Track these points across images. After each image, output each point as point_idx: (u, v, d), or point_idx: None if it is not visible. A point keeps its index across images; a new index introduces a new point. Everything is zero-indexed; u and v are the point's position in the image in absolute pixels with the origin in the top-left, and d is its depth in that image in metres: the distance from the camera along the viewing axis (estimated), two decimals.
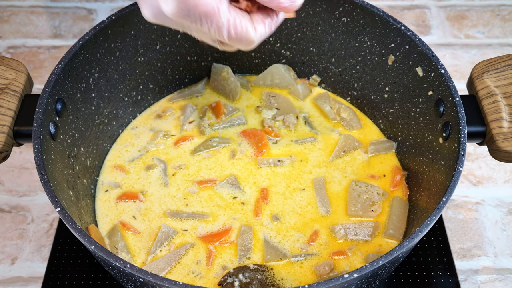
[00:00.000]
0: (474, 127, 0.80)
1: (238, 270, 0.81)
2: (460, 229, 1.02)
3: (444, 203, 0.71)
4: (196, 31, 0.70)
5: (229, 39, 0.68)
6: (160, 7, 0.67)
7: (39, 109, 0.77)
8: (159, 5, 0.67)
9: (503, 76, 0.83)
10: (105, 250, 0.67)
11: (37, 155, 0.73)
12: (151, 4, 0.68)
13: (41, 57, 1.25)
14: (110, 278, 0.89)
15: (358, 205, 0.88)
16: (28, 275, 0.95)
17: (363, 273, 0.65)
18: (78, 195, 0.83)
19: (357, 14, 0.91)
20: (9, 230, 1.00)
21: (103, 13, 1.33)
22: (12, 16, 1.32)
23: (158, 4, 0.67)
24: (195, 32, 0.70)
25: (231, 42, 0.69)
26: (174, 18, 0.67)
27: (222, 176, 0.92)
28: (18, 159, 1.09)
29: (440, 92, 0.82)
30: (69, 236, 0.92)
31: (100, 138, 0.93)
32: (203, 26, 0.67)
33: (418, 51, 0.85)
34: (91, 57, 0.86)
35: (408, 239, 0.68)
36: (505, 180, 1.08)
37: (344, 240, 0.85)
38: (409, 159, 0.92)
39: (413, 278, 0.89)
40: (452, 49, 1.28)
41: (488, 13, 1.35)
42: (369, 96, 0.98)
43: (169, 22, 0.69)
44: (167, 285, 0.64)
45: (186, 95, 1.02)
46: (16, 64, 0.83)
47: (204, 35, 0.70)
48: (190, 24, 0.68)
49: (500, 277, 0.97)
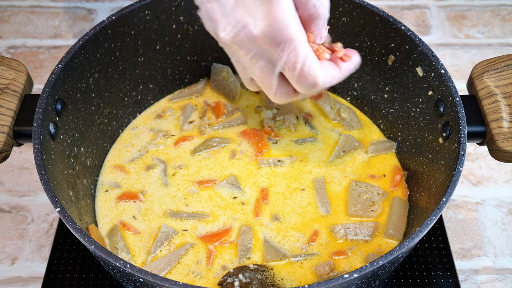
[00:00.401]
0: (474, 127, 0.80)
1: (238, 270, 0.81)
2: (460, 229, 1.02)
3: (444, 203, 0.71)
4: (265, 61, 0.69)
5: (300, 73, 0.69)
6: (247, 26, 0.66)
7: (39, 109, 0.77)
8: (246, 23, 0.66)
9: (503, 76, 0.83)
10: (105, 250, 0.67)
11: (37, 155, 0.73)
12: (235, 22, 0.66)
13: (41, 57, 1.25)
14: (110, 278, 0.89)
15: (358, 205, 0.88)
16: (28, 275, 0.95)
17: (363, 273, 0.65)
18: (78, 195, 0.83)
19: (357, 14, 0.91)
20: (9, 230, 1.00)
21: (103, 13, 1.33)
22: (12, 16, 1.32)
23: (245, 23, 0.66)
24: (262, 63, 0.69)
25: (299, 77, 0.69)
26: (260, 37, 0.66)
27: (222, 176, 0.92)
28: (18, 159, 1.09)
29: (440, 92, 0.82)
30: (69, 236, 0.92)
31: (100, 138, 0.93)
32: (283, 52, 0.67)
33: (418, 51, 0.85)
34: (91, 57, 0.86)
35: (408, 239, 0.68)
36: (505, 180, 1.08)
37: (344, 240, 0.85)
38: (409, 159, 0.92)
39: (413, 278, 0.89)
40: (452, 49, 1.28)
41: (488, 13, 1.35)
42: (369, 96, 0.98)
43: (247, 44, 0.68)
44: (167, 285, 0.64)
45: (186, 95, 1.02)
46: (16, 64, 0.83)
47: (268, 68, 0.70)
48: (269, 48, 0.67)
49: (500, 277, 0.97)
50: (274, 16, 0.65)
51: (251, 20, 0.66)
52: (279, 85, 0.73)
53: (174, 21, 0.94)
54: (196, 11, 0.95)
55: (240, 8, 0.66)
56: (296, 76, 0.70)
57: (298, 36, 0.67)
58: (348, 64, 0.75)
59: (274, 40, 0.66)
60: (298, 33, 0.67)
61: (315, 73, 0.70)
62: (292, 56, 0.68)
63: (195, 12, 0.95)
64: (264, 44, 0.67)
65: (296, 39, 0.67)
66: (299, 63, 0.68)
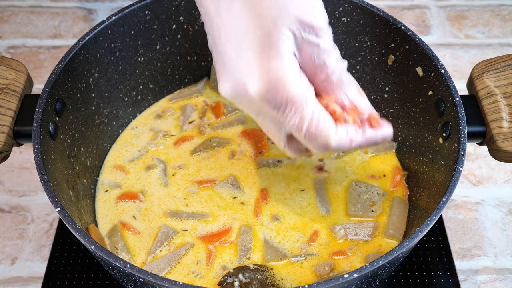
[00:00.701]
0: (474, 127, 0.80)
1: (238, 270, 0.81)
2: (460, 229, 1.02)
3: (444, 203, 0.71)
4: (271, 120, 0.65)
5: (307, 135, 0.64)
6: (245, 85, 0.62)
7: (39, 109, 0.77)
8: (244, 82, 0.62)
9: (503, 76, 0.83)
10: (105, 250, 0.67)
11: (37, 155, 0.73)
12: (235, 80, 0.62)
13: (41, 57, 1.25)
14: (110, 278, 0.89)
15: (358, 205, 0.88)
16: (28, 275, 0.95)
17: (363, 273, 0.65)
18: (78, 195, 0.83)
19: (357, 14, 0.91)
20: (9, 230, 1.00)
21: (103, 13, 1.33)
22: (12, 16, 1.32)
23: (243, 82, 0.62)
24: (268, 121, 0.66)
25: (307, 139, 0.64)
26: (257, 99, 0.62)
27: (222, 176, 0.92)
28: (18, 159, 1.09)
29: (440, 92, 0.82)
30: (69, 236, 0.92)
31: (100, 138, 0.93)
32: (284, 114, 0.62)
33: (418, 51, 0.85)
34: (91, 57, 0.86)
35: (408, 239, 0.68)
36: (505, 180, 1.08)
37: (344, 240, 0.85)
38: (409, 159, 0.92)
39: (413, 278, 0.89)
40: (452, 49, 1.28)
41: (488, 13, 1.35)
42: (369, 96, 0.98)
43: (246, 103, 0.64)
44: (167, 285, 0.64)
45: (186, 95, 1.02)
46: (16, 64, 0.83)
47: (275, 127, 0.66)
48: (269, 110, 0.63)
49: (500, 277, 0.97)
50: (272, 75, 0.60)
51: (248, 79, 0.61)
52: (288, 142, 0.69)
53: (174, 21, 0.94)
54: (195, 11, 0.95)
55: (240, 64, 0.62)
56: (303, 137, 0.65)
57: (300, 98, 0.61)
58: (375, 132, 0.68)
59: (272, 102, 0.62)
60: (299, 94, 0.61)
61: (326, 134, 0.64)
62: (296, 118, 0.63)
63: (195, 12, 0.95)
64: (263, 105, 0.62)
65: (297, 101, 0.61)
66: (305, 124, 0.63)
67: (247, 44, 0.61)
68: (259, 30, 0.60)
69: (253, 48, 0.61)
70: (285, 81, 0.60)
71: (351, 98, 0.69)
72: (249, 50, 0.61)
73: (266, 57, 0.60)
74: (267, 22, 0.60)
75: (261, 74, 0.60)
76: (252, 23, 0.61)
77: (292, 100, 0.61)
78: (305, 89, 0.62)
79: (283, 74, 0.60)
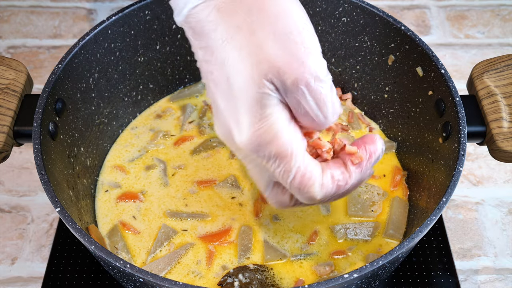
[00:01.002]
0: (474, 127, 0.80)
1: (238, 270, 0.81)
2: (460, 229, 1.02)
3: (444, 203, 0.71)
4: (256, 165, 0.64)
5: (291, 187, 0.62)
6: (231, 132, 0.60)
7: (39, 109, 0.77)
8: (231, 129, 0.60)
9: (503, 76, 0.83)
10: (105, 250, 0.67)
11: (37, 155, 0.73)
12: (224, 127, 0.61)
13: (41, 57, 1.25)
14: (110, 278, 0.89)
15: (358, 205, 0.88)
16: (28, 275, 0.95)
17: (363, 273, 0.65)
18: (78, 195, 0.83)
19: (357, 14, 0.91)
20: (9, 230, 1.00)
21: (103, 13, 1.33)
22: (12, 16, 1.32)
23: (230, 129, 0.60)
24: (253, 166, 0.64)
25: (292, 190, 0.63)
26: (242, 148, 0.60)
27: (222, 176, 0.92)
28: (18, 159, 1.09)
29: (440, 92, 0.82)
30: (69, 236, 0.92)
31: (100, 138, 0.93)
32: (269, 165, 0.61)
33: (418, 51, 0.85)
34: (91, 57, 0.86)
35: (408, 239, 0.68)
36: (505, 180, 1.08)
37: (344, 240, 0.85)
38: (409, 159, 0.92)
39: (413, 278, 0.89)
40: (452, 49, 1.28)
41: (488, 13, 1.35)
42: (369, 96, 0.98)
43: (234, 148, 0.63)
44: (167, 285, 0.64)
45: (186, 95, 1.02)
46: (16, 64, 0.83)
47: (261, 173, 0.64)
48: (255, 158, 0.61)
49: (500, 277, 0.96)
50: (258, 130, 0.58)
51: (235, 128, 0.60)
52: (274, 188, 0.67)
53: (174, 21, 0.94)
54: None
55: (228, 111, 0.60)
56: (289, 188, 0.63)
57: (286, 152, 0.59)
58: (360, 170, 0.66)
59: (259, 153, 0.60)
60: (286, 149, 0.59)
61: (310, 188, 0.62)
62: (281, 171, 0.60)
63: None
64: (249, 154, 0.61)
65: (283, 156, 0.59)
66: (289, 178, 0.61)
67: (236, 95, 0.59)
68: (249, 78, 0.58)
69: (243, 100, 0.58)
70: (272, 135, 0.58)
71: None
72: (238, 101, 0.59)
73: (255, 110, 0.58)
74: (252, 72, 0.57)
75: (248, 126, 0.58)
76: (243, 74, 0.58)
77: (279, 154, 0.59)
78: (294, 143, 0.60)
79: (271, 128, 0.58)
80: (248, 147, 0.60)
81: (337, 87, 1.01)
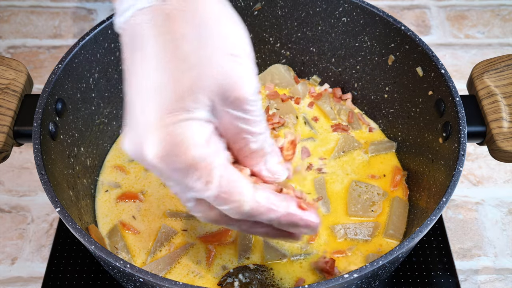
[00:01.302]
0: (474, 127, 0.80)
1: (238, 270, 0.81)
2: (460, 229, 1.02)
3: (444, 203, 0.71)
4: (176, 183, 0.58)
5: (216, 200, 0.58)
6: (142, 144, 0.55)
7: (39, 109, 0.77)
8: (142, 141, 0.55)
9: (503, 76, 0.83)
10: (105, 250, 0.67)
11: (37, 155, 0.73)
12: (135, 137, 0.56)
13: (41, 57, 1.25)
14: (110, 278, 0.89)
15: (358, 205, 0.88)
16: (28, 275, 0.95)
17: (363, 273, 0.65)
18: (78, 195, 0.83)
19: (357, 14, 0.91)
20: (9, 230, 1.00)
21: (103, 13, 1.33)
22: (12, 16, 1.32)
23: (141, 140, 0.55)
24: (174, 183, 0.59)
25: (217, 204, 0.59)
26: (154, 161, 0.55)
27: None
28: (18, 159, 1.09)
29: (440, 92, 0.82)
30: (69, 236, 0.92)
31: (100, 138, 0.93)
32: (187, 179, 0.56)
33: (418, 51, 0.85)
34: (91, 57, 0.86)
35: (408, 239, 0.68)
36: (505, 180, 1.08)
37: (344, 239, 0.85)
38: (409, 159, 0.92)
39: (413, 278, 0.89)
40: (452, 49, 1.28)
41: (488, 13, 1.35)
42: (369, 96, 0.98)
43: (145, 164, 0.57)
44: (167, 285, 0.64)
45: None
46: (16, 64, 0.83)
47: (182, 190, 0.59)
48: (171, 174, 0.56)
49: (500, 277, 0.97)
50: (173, 139, 0.54)
51: (147, 138, 0.55)
52: (197, 208, 0.62)
53: None
54: None
55: (142, 121, 0.55)
56: (213, 202, 0.58)
57: (202, 163, 0.55)
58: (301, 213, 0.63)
59: (172, 166, 0.55)
60: (202, 160, 0.55)
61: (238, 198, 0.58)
62: (202, 183, 0.56)
63: None
64: (163, 168, 0.56)
65: (200, 167, 0.55)
66: (211, 190, 0.57)
67: (155, 103, 0.55)
68: (172, 92, 0.54)
69: (161, 108, 0.55)
70: (186, 146, 0.54)
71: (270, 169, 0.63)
72: (155, 109, 0.55)
73: (172, 119, 0.54)
74: (182, 86, 0.54)
75: (161, 136, 0.54)
76: (166, 83, 0.55)
77: (194, 165, 0.55)
78: (211, 154, 0.56)
79: (185, 138, 0.54)
80: (162, 160, 0.55)
81: (337, 87, 1.01)
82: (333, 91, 1.01)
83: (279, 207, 0.61)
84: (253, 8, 0.96)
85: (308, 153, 0.94)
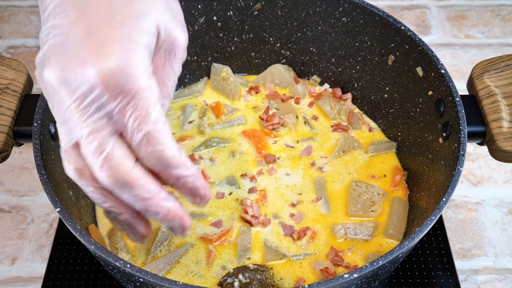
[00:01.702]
0: (474, 127, 0.80)
1: (238, 270, 0.81)
2: (460, 229, 1.02)
3: (444, 203, 0.71)
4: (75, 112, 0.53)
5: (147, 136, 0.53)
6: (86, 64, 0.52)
7: (39, 109, 0.77)
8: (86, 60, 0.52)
9: (503, 76, 0.83)
10: (105, 250, 0.67)
11: (37, 155, 0.73)
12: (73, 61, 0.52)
13: None
14: (110, 278, 0.89)
15: (358, 205, 0.88)
16: (28, 275, 0.95)
17: (363, 273, 0.65)
18: (78, 195, 0.83)
19: (357, 14, 0.91)
20: (9, 230, 1.00)
21: None
22: (12, 16, 1.32)
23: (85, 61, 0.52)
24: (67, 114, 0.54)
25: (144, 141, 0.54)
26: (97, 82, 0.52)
27: (222, 176, 0.91)
28: (18, 159, 1.09)
29: (440, 92, 0.82)
30: (69, 236, 0.92)
31: None
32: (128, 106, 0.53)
33: (418, 51, 0.85)
34: None
35: (408, 239, 0.68)
36: (505, 180, 1.08)
37: (344, 239, 0.85)
38: (409, 159, 0.92)
39: (413, 278, 0.89)
40: (452, 49, 1.28)
41: (488, 13, 1.35)
42: (369, 96, 0.98)
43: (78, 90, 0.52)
44: (167, 285, 0.64)
45: (186, 95, 1.02)
46: (16, 64, 0.83)
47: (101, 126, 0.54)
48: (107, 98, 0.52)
49: (500, 277, 0.97)
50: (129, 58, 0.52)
51: (96, 56, 0.52)
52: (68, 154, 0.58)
53: None
54: (196, 11, 0.95)
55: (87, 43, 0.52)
56: (140, 138, 0.54)
57: (149, 92, 0.53)
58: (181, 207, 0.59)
59: (118, 88, 0.52)
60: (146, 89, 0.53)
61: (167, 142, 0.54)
62: (139, 112, 0.53)
63: (195, 12, 0.95)
64: (104, 91, 0.52)
65: (144, 90, 0.52)
66: (148, 123, 0.53)
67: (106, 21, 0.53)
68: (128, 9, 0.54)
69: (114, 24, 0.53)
70: (135, 71, 0.52)
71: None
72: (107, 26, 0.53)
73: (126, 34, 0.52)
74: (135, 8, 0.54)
75: (119, 53, 0.52)
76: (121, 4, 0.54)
77: (142, 91, 0.52)
78: (152, 88, 0.54)
79: (137, 62, 0.52)
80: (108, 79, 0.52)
81: (337, 87, 1.01)
82: (333, 91, 1.01)
83: (192, 167, 0.57)
84: (253, 8, 0.97)
85: (308, 153, 0.94)
